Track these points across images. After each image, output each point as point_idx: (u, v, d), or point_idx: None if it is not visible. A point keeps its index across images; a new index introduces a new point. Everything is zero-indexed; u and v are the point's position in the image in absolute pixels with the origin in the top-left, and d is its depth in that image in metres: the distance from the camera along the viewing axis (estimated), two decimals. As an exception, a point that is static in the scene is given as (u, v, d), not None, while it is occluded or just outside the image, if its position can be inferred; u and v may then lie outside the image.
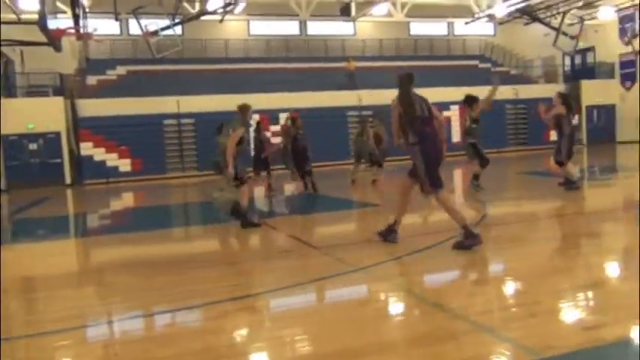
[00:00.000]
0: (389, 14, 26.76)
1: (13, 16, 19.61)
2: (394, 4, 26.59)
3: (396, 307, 3.99)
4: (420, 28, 32.91)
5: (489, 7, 25.55)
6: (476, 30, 32.28)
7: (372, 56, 31.16)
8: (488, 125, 25.75)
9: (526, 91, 26.89)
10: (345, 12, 26.05)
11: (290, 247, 6.32)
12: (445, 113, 27.66)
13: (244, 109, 7.77)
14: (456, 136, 27.97)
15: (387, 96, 28.95)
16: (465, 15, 27.22)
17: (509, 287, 4.32)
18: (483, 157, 10.29)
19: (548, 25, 25.95)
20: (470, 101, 10.20)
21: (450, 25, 33.52)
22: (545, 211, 8.18)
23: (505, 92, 27.03)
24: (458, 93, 27.34)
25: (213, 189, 8.97)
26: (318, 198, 10.99)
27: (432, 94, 26.52)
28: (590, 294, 3.91)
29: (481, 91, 11.61)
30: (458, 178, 15.81)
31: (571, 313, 3.57)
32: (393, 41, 32.15)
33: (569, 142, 9.61)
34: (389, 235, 5.78)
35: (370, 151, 13.11)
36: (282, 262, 5.55)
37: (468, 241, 5.28)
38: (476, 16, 26.10)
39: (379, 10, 25.56)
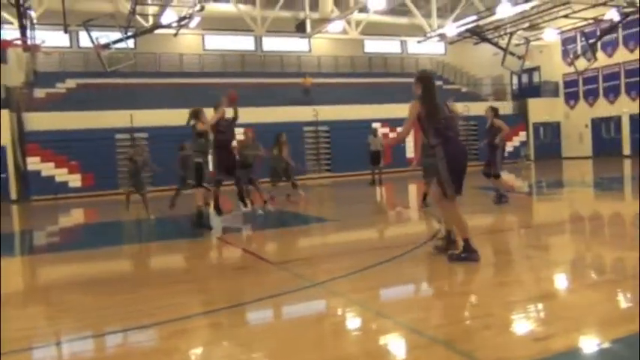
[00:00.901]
0: (344, 32, 27.14)
1: (-45, 26, 18.88)
2: (349, 22, 27.01)
3: (352, 322, 3.99)
4: (375, 45, 33.56)
5: (440, 27, 26.27)
6: (428, 49, 33.17)
7: (328, 72, 31.52)
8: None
9: (477, 108, 27.77)
10: (300, 29, 26.27)
11: (246, 263, 6.25)
12: (399, 129, 28.19)
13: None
14: (410, 153, 28.50)
15: (343, 111, 29.49)
16: (417, 34, 27.90)
17: (463, 300, 4.40)
18: None
19: (496, 45, 26.91)
20: None
21: (404, 44, 34.32)
22: (496, 225, 8.40)
23: (457, 109, 27.79)
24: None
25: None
26: (272, 213, 10.93)
27: (387, 111, 27.19)
28: (540, 305, 4.02)
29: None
30: (412, 193, 16.08)
31: (522, 324, 3.66)
32: (348, 58, 32.66)
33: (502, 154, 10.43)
34: (468, 255, 5.33)
35: (285, 166, 13.21)
36: (239, 279, 5.48)
37: (465, 254, 5.32)
38: (428, 35, 26.77)
39: (334, 27, 25.90)
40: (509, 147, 25.99)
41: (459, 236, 5.46)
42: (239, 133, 12.31)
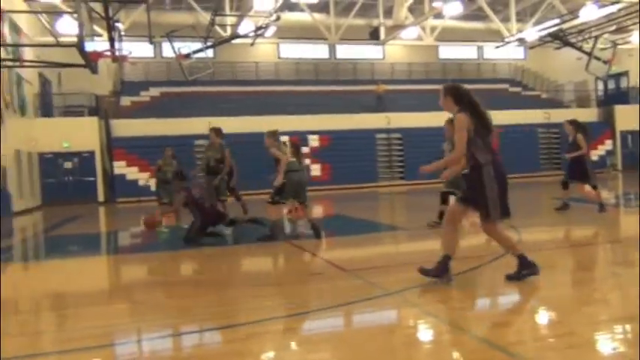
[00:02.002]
0: (418, 38, 26.85)
1: (52, 39, 20.31)
2: (423, 28, 26.70)
3: (426, 333, 3.92)
4: (450, 51, 32.95)
5: (520, 31, 25.43)
6: (506, 54, 32.14)
7: (401, 79, 31.26)
8: (519, 149, 25.53)
9: (558, 115, 26.61)
10: (374, 36, 26.25)
11: (320, 270, 6.29)
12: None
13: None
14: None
15: (416, 118, 29.23)
16: (495, 39, 27.15)
17: (543, 317, 4.21)
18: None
19: (580, 49, 25.68)
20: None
21: (480, 49, 33.47)
22: (581, 238, 7.99)
23: (537, 116, 26.76)
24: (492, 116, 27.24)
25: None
26: (343, 220, 10.93)
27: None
28: (627, 327, 3.77)
29: (512, 115, 11.53)
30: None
31: (607, 345, 3.45)
32: (422, 65, 32.23)
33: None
34: (441, 272, 4.97)
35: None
36: (313, 285, 5.52)
37: (525, 271, 4.90)
38: (506, 40, 25.99)
39: (408, 33, 25.69)
40: (594, 156, 24.70)
41: (512, 254, 5.00)
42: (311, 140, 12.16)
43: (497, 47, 27.47)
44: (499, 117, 29.31)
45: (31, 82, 21.70)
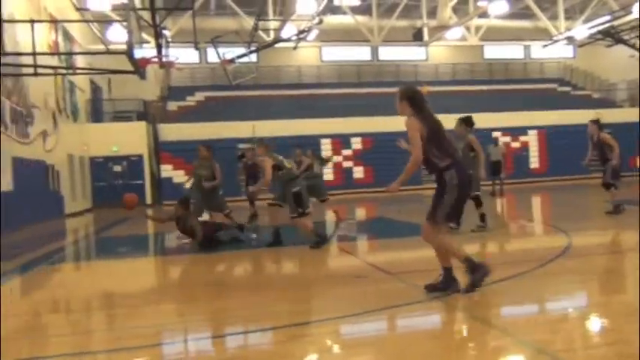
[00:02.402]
0: (463, 38, 26.46)
1: (102, 47, 20.99)
2: (468, 28, 26.27)
3: (472, 338, 3.83)
4: (495, 51, 32.32)
5: (568, 29, 24.70)
6: (554, 53, 31.29)
7: (445, 80, 30.86)
8: (569, 151, 24.70)
9: (610, 116, 25.72)
10: (417, 37, 26.01)
11: (363, 272, 6.25)
12: (522, 138, 26.87)
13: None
14: (534, 163, 27.01)
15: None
16: (542, 38, 26.46)
17: (594, 324, 4.05)
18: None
19: (632, 46, 24.72)
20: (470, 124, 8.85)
21: (527, 49, 32.70)
22: (633, 243, 7.67)
23: (587, 116, 25.89)
24: (535, 117, 26.57)
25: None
26: (386, 222, 10.85)
27: (508, 119, 26.11)
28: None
29: (561, 116, 11.23)
30: (536, 205, 15.20)
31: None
32: (467, 65, 31.72)
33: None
34: (447, 285, 4.69)
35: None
36: (356, 288, 5.49)
37: (475, 275, 4.57)
38: (554, 38, 25.29)
39: (453, 34, 25.33)
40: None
41: (457, 259, 4.69)
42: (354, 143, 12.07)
43: (545, 46, 26.77)
44: (547, 117, 28.55)
45: (82, 88, 22.49)
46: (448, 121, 22.33)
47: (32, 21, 12.47)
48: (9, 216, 12.93)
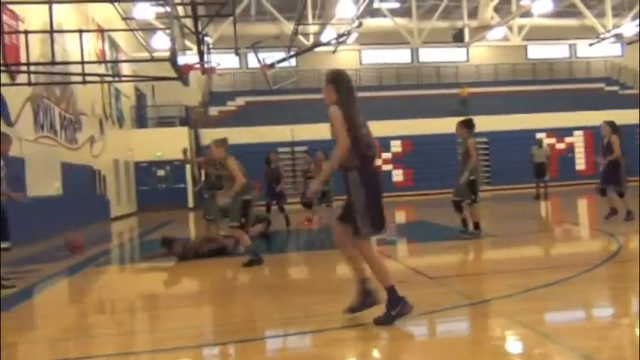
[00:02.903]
0: (505, 38, 25.95)
1: (147, 55, 21.51)
2: (510, 28, 25.75)
3: (516, 345, 3.73)
4: (539, 51, 31.57)
5: (616, 26, 23.90)
6: (601, 51, 30.34)
7: (487, 81, 30.33)
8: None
9: (661, 115, 24.74)
10: (458, 38, 25.64)
11: (403, 277, 6.19)
12: (568, 139, 26.14)
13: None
14: (580, 165, 26.24)
15: (503, 121, 28.11)
16: (589, 36, 25.69)
17: (647, 331, 3.89)
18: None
19: (686, 43, 23.77)
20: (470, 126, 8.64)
21: (572, 47, 31.83)
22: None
23: (636, 116, 24.98)
24: (581, 117, 25.78)
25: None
26: (426, 226, 10.73)
27: (553, 120, 25.39)
28: None
29: (608, 116, 10.92)
30: (582, 208, 14.73)
31: None
32: (509, 65, 31.08)
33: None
34: (400, 308, 4.00)
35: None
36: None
37: (394, 310, 3.96)
38: (601, 36, 24.51)
39: (494, 34, 24.87)
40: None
41: (382, 284, 4.06)
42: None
43: (592, 44, 25.98)
44: (594, 118, 27.63)
45: (128, 95, 23.11)
46: (489, 122, 22.16)
47: (80, 31, 12.88)
48: (58, 219, 13.38)
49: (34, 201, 8.45)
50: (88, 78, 13.95)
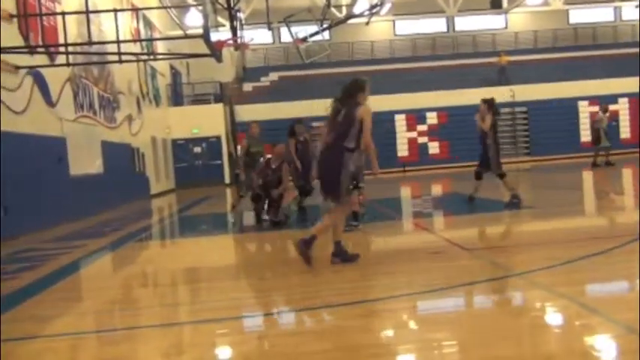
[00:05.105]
0: (545, 3, 25.06)
1: (181, 32, 21.64)
2: (551, -8, 24.83)
3: (556, 317, 3.68)
4: (582, 15, 30.36)
5: (665, -14, 22.75)
6: (648, 13, 28.94)
7: (526, 49, 29.42)
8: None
9: None
10: (495, 4, 24.88)
11: (440, 249, 6.15)
12: (612, 107, 25.28)
13: None
14: (625, 133, 25.44)
15: (543, 90, 27.50)
16: (634, -3, 24.53)
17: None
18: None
19: None
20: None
21: (617, 10, 30.50)
22: None
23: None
24: (627, 84, 24.81)
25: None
26: (462, 198, 10.59)
27: (597, 87, 24.66)
28: None
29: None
30: (627, 178, 14.29)
31: None
32: (550, 32, 30.01)
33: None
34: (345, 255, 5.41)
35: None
36: (433, 264, 5.42)
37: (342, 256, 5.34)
38: (649, -3, 23.39)
39: (534, -1, 24.02)
40: None
41: (336, 237, 5.34)
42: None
43: (638, 6, 24.82)
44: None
45: (163, 73, 23.37)
46: (528, 91, 21.67)
47: (115, 10, 13.05)
48: (101, 197, 13.76)
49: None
50: (124, 57, 14.15)
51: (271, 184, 8.71)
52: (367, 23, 24.87)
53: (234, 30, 17.15)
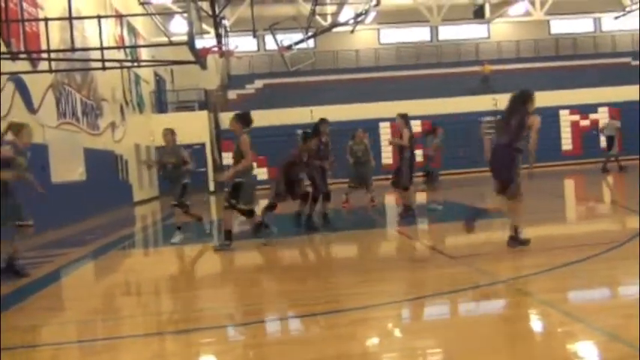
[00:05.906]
0: (527, 13, 25.41)
1: (165, 39, 21.54)
2: (533, 3, 25.20)
3: (540, 324, 3.70)
4: (562, 26, 30.81)
5: (643, -2, 23.22)
6: (627, 24, 29.51)
7: (509, 58, 29.77)
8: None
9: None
10: (478, 14, 25.19)
11: (425, 256, 6.17)
12: (592, 116, 25.63)
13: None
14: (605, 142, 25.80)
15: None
16: (614, 9, 25.01)
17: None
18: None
19: None
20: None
21: (597, 21, 30.99)
22: None
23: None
24: (607, 93, 25.19)
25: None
26: (447, 206, 10.65)
27: (577, 96, 24.91)
28: None
29: (636, 91, 10.63)
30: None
31: None
32: (532, 41, 30.42)
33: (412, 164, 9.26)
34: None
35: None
36: (418, 272, 5.43)
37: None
38: (627, 9, 23.85)
39: (516, 9, 24.37)
40: None
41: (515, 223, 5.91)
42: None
43: (617, 18, 25.31)
44: (620, 93, 26.97)
45: (147, 80, 23.23)
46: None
47: (99, 17, 12.94)
48: (83, 204, 13.59)
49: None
50: (107, 64, 14.02)
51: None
52: (352, 31, 25.03)
53: (219, 37, 17.13)
